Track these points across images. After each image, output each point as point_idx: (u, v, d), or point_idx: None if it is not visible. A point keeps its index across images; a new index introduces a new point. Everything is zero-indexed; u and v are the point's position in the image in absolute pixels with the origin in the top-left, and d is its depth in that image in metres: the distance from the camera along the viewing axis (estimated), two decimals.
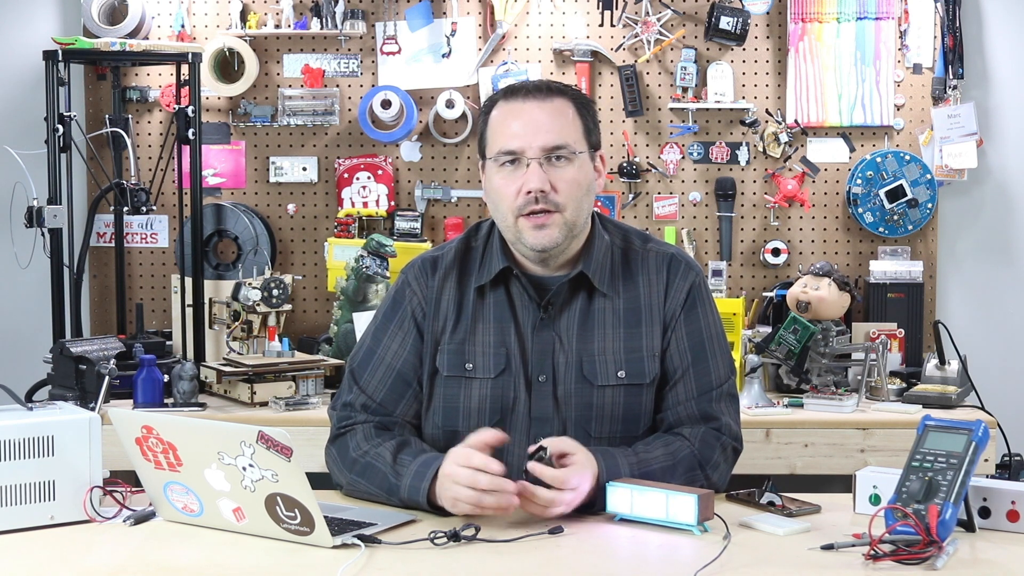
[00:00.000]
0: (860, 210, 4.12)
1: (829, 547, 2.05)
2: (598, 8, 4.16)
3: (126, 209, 3.88)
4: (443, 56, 4.19)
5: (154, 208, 3.95)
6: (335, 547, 2.05)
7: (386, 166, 4.22)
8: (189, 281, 3.93)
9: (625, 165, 4.18)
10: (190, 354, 3.89)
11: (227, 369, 3.68)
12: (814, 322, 3.75)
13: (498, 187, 2.40)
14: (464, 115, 4.20)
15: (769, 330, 3.86)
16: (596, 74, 4.18)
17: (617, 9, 4.15)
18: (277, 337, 3.80)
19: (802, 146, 4.17)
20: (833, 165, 4.19)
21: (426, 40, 4.20)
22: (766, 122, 4.16)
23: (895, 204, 4.09)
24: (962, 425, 2.10)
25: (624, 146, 4.19)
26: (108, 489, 2.25)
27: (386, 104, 4.12)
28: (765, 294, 4.12)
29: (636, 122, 4.20)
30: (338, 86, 4.22)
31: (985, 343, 4.16)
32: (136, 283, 4.26)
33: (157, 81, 4.22)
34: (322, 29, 4.13)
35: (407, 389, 2.46)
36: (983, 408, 3.65)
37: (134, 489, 2.30)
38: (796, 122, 4.14)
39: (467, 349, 2.44)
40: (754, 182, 4.20)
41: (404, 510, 2.27)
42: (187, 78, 3.90)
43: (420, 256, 2.55)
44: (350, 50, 4.22)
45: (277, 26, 4.16)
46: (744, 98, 4.16)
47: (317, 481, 2.17)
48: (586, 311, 2.44)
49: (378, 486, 2.33)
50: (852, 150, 4.17)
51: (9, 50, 4.22)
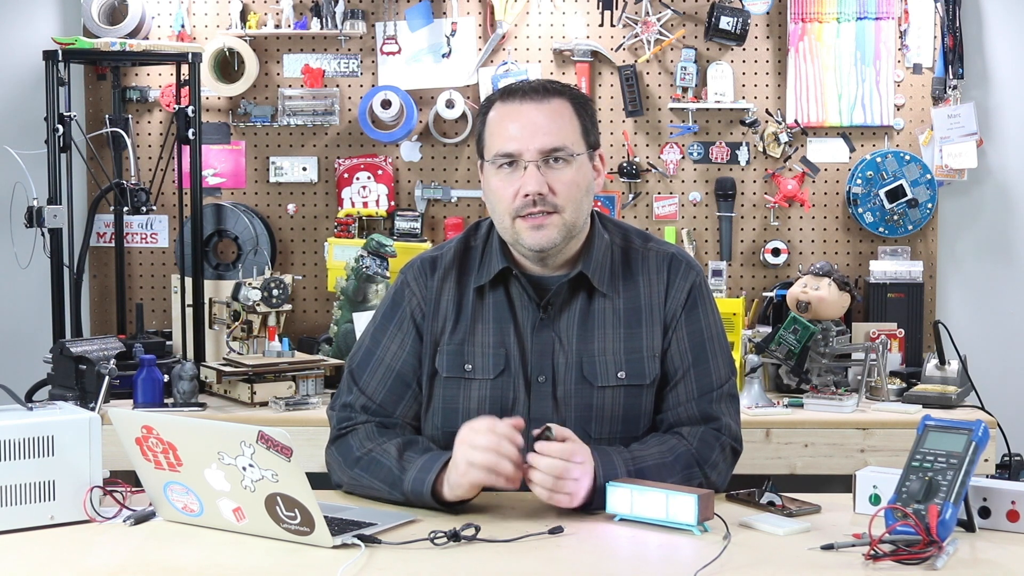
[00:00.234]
0: (860, 210, 4.11)
1: (829, 547, 2.05)
2: (598, 8, 4.16)
3: (126, 209, 3.88)
4: (443, 56, 4.19)
5: (154, 208, 3.94)
6: (335, 547, 2.05)
7: (386, 166, 4.22)
8: (189, 281, 3.93)
9: (625, 165, 4.18)
10: (190, 354, 3.89)
11: (227, 369, 3.68)
12: (814, 322, 3.75)
13: (496, 189, 2.39)
14: (464, 115, 4.19)
15: (769, 330, 3.86)
16: (596, 74, 4.18)
17: (617, 9, 4.14)
18: (277, 337, 3.80)
19: (802, 146, 4.17)
20: (833, 165, 4.19)
21: (426, 40, 4.20)
22: (766, 122, 4.16)
23: (895, 204, 4.09)
24: (962, 425, 2.10)
25: (624, 146, 4.19)
26: (108, 489, 2.25)
27: (386, 104, 4.12)
28: (765, 294, 4.12)
29: (636, 122, 4.20)
30: (338, 86, 4.22)
31: (985, 343, 4.16)
32: (136, 283, 4.26)
33: (157, 81, 4.22)
34: (322, 29, 4.13)
35: (406, 390, 2.46)
36: (983, 408, 3.65)
37: (134, 489, 2.29)
38: (796, 122, 4.14)
39: (466, 350, 2.44)
40: (754, 182, 4.20)
41: (404, 509, 2.27)
42: (187, 78, 3.90)
43: (419, 256, 2.54)
44: (350, 50, 4.22)
45: (277, 26, 4.16)
46: (744, 98, 4.16)
47: (317, 481, 2.16)
48: (586, 311, 2.43)
49: (381, 480, 2.32)
50: (852, 150, 4.17)
51: (9, 50, 4.22)
